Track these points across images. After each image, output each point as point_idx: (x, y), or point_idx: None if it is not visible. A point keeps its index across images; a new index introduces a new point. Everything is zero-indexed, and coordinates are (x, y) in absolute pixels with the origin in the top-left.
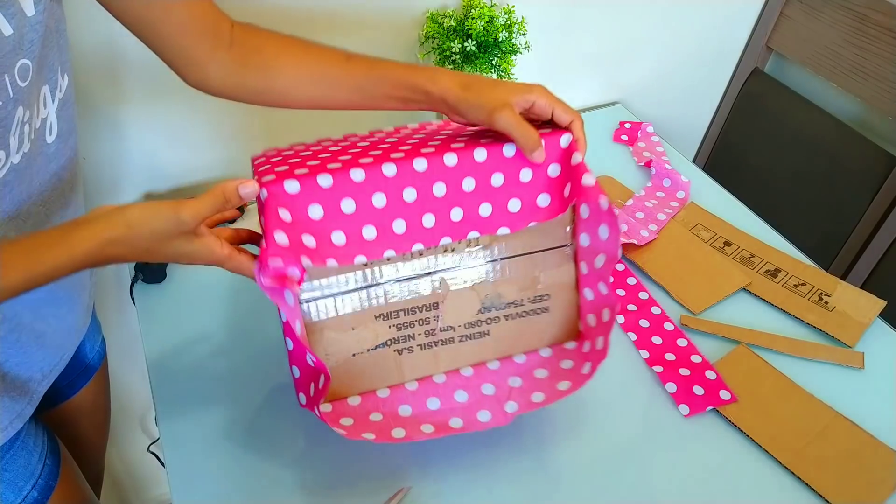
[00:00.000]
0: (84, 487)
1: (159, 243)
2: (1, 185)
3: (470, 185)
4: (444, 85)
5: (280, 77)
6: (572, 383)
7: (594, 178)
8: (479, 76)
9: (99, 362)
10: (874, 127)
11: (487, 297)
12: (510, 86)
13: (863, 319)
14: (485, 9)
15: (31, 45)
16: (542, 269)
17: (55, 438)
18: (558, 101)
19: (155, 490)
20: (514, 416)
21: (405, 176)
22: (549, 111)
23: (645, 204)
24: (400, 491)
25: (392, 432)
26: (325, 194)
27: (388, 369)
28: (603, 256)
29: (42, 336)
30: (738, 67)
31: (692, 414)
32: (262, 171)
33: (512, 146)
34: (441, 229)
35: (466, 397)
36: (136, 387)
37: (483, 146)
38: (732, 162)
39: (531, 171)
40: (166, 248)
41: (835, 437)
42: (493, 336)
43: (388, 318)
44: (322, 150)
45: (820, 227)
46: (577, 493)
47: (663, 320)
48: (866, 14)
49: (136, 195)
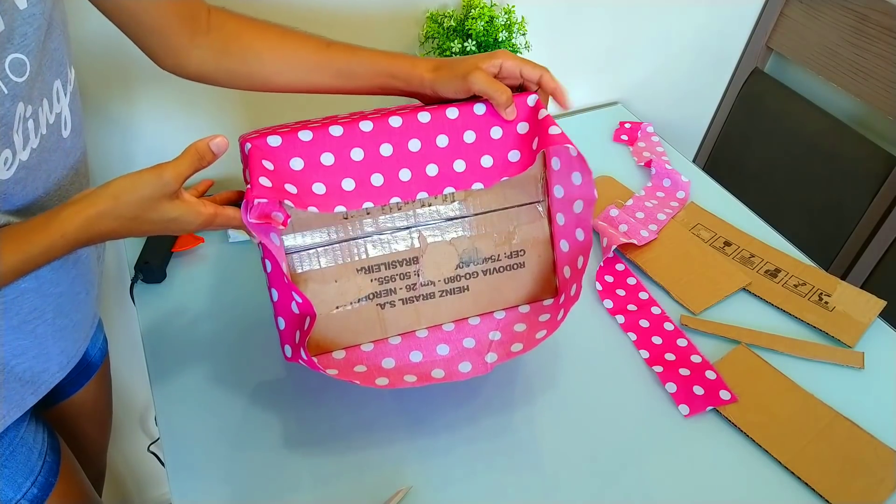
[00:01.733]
0: (85, 485)
1: (146, 210)
2: (13, 183)
3: (443, 142)
4: (420, 72)
5: (259, 62)
6: (547, 331)
7: (560, 129)
8: (449, 58)
9: (101, 360)
10: (874, 127)
11: (465, 251)
12: (478, 56)
13: (863, 319)
14: (485, 9)
15: (24, 39)
16: (516, 223)
17: (56, 436)
18: (524, 60)
19: (155, 490)
20: (493, 365)
21: (381, 132)
22: (517, 71)
23: (645, 204)
24: (400, 491)
25: (376, 381)
26: (305, 147)
27: (371, 324)
28: (580, 202)
29: (62, 330)
30: (738, 67)
31: (692, 414)
32: (246, 136)
33: (482, 105)
34: (417, 184)
35: (448, 350)
36: (136, 387)
37: (455, 106)
38: (732, 162)
39: (501, 128)
40: (153, 213)
41: (835, 437)
42: (472, 291)
43: (370, 272)
44: (305, 123)
45: (820, 227)
46: (576, 492)
47: (663, 320)
48: (866, 14)
49: None
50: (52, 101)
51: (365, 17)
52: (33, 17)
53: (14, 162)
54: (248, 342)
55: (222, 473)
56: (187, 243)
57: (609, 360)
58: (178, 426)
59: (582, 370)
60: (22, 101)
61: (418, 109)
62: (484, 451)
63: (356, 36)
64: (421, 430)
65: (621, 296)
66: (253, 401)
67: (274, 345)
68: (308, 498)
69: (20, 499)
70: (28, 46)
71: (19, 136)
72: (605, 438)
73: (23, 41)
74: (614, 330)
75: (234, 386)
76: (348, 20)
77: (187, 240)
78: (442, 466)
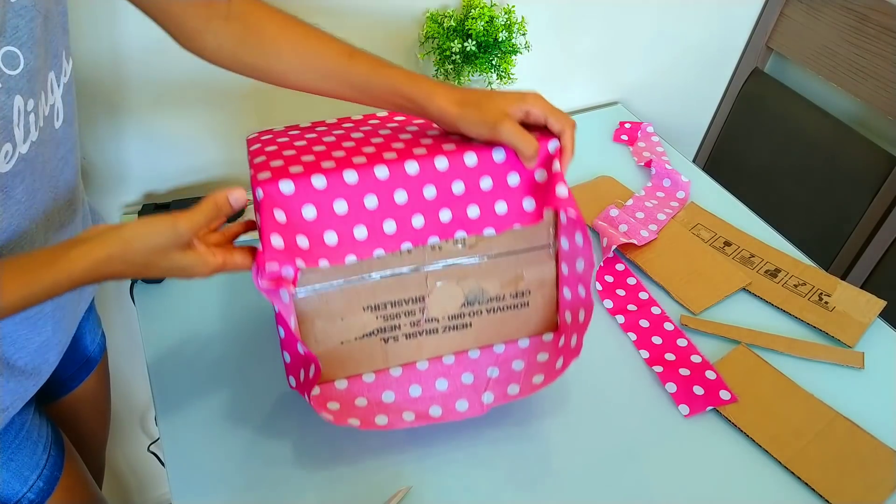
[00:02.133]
0: (88, 478)
1: (157, 257)
2: (12, 176)
3: (459, 189)
4: (441, 104)
5: (277, 59)
6: (545, 377)
7: (567, 188)
8: (471, 90)
9: (100, 355)
10: (874, 127)
11: (471, 291)
12: (506, 96)
13: (863, 319)
14: (485, 9)
15: (16, 32)
16: (524, 266)
17: (58, 431)
18: (552, 108)
19: (155, 490)
20: (489, 407)
21: (397, 178)
22: (543, 119)
23: (645, 204)
24: (400, 491)
25: (376, 419)
26: (318, 195)
27: (374, 355)
28: (582, 261)
29: (60, 322)
30: (738, 67)
31: (692, 414)
32: (258, 165)
33: (501, 151)
34: (429, 229)
35: (447, 385)
36: (136, 386)
37: (473, 150)
38: (732, 162)
39: (519, 175)
40: (163, 261)
41: (835, 437)
42: (475, 327)
43: (376, 310)
44: (317, 138)
45: (820, 227)
46: (577, 492)
47: (663, 320)
48: (866, 14)
49: (137, 195)
50: (46, 92)
51: (365, 17)
52: (25, 9)
53: (14, 155)
54: (248, 342)
55: (222, 473)
56: None
57: (609, 360)
58: (178, 426)
59: (582, 370)
60: (20, 94)
61: (435, 153)
62: (483, 451)
63: (356, 36)
64: (421, 430)
65: (621, 296)
66: (253, 400)
67: (274, 345)
68: (308, 497)
69: (27, 492)
70: (20, 39)
71: (20, 130)
72: (604, 438)
73: (15, 34)
74: (614, 330)
75: (235, 386)
76: (348, 20)
77: None
78: (442, 467)
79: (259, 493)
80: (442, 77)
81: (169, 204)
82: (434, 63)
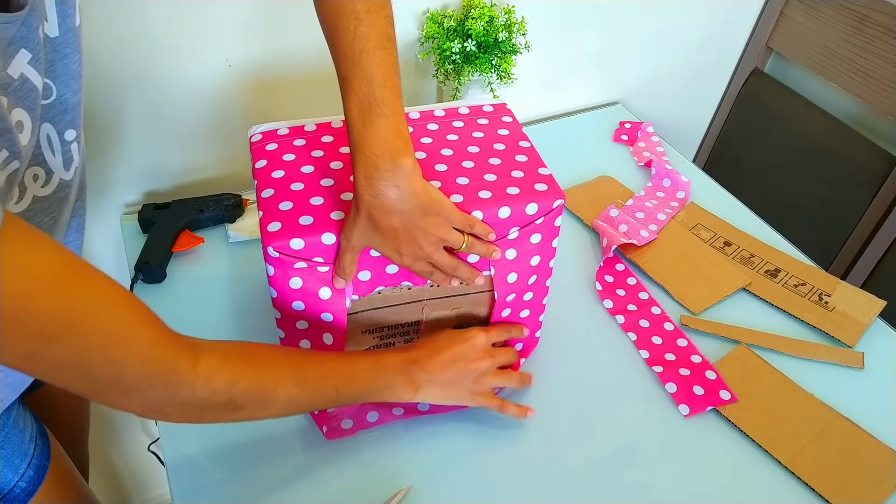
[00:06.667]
0: (74, 470)
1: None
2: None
3: None
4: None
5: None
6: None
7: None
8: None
9: None
10: (874, 127)
11: (463, 317)
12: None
13: (863, 319)
14: (485, 9)
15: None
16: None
17: (40, 421)
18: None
19: (155, 490)
20: None
21: None
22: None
23: (645, 204)
24: (400, 491)
25: (367, 416)
26: (328, 250)
27: None
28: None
29: None
30: (738, 67)
31: (692, 414)
32: (266, 201)
33: (506, 209)
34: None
35: None
36: None
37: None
38: (732, 162)
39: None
40: None
41: (835, 437)
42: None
43: (374, 332)
44: (324, 156)
45: (820, 227)
46: (577, 492)
47: (663, 320)
48: (866, 14)
49: (138, 195)
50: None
51: None
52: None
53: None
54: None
55: (222, 473)
56: (187, 243)
57: (609, 360)
58: (178, 426)
59: (582, 370)
60: (24, 107)
61: None
62: (484, 451)
63: None
64: (421, 430)
65: (621, 296)
66: None
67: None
68: (308, 497)
69: (18, 480)
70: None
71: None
72: (605, 438)
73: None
74: (614, 330)
75: None
76: None
77: (187, 240)
78: (442, 466)
79: (259, 492)
80: (442, 77)
81: (169, 204)
82: (434, 63)
